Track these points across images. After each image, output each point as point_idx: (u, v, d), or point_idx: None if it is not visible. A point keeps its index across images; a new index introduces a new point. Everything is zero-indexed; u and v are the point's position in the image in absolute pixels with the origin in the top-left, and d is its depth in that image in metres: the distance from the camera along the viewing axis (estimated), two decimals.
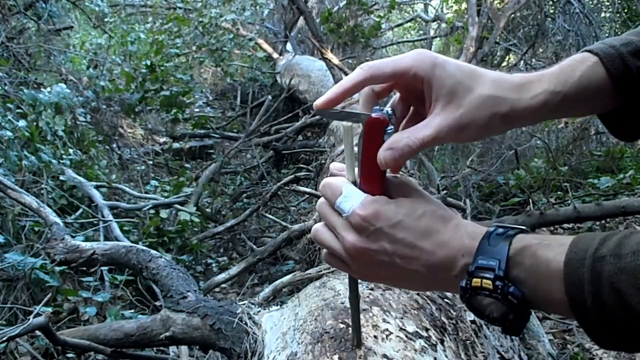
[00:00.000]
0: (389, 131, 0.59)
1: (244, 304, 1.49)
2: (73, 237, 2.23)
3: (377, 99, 0.63)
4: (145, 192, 3.81)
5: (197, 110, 6.70)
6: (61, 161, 3.32)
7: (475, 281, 0.53)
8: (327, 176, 0.68)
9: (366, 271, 0.62)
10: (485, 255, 0.53)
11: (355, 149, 0.63)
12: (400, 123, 0.65)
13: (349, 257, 0.60)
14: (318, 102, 0.60)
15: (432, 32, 7.84)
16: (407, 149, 0.57)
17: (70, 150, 3.54)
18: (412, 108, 0.65)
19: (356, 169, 0.62)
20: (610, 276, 0.46)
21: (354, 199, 0.59)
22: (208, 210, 4.01)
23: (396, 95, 0.65)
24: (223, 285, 3.06)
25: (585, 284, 0.47)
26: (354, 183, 0.62)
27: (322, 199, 0.64)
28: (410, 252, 0.57)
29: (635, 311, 0.45)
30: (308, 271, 1.87)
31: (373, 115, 0.59)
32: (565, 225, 3.53)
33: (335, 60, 3.76)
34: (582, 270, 0.47)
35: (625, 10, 5.96)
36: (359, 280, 0.84)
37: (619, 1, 5.75)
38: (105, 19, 6.28)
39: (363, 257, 0.59)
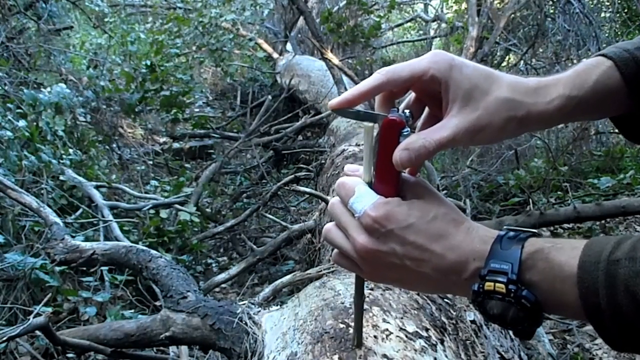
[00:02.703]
0: (405, 133, 0.59)
1: (244, 304, 1.49)
2: (73, 237, 2.23)
3: (394, 99, 0.63)
4: (145, 192, 3.80)
5: (197, 110, 6.70)
6: (61, 161, 3.31)
7: (488, 285, 0.53)
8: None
9: (376, 273, 0.62)
10: (498, 258, 0.53)
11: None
12: (414, 123, 0.66)
13: (359, 258, 0.60)
14: (333, 102, 0.61)
15: (432, 32, 7.85)
16: (423, 150, 0.57)
17: (70, 150, 3.54)
18: (427, 109, 0.66)
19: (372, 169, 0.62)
20: (626, 279, 0.46)
21: (366, 200, 0.59)
22: (208, 210, 4.01)
23: (411, 96, 0.65)
24: (223, 285, 3.06)
25: (599, 287, 0.47)
26: (370, 183, 0.62)
27: (335, 198, 0.64)
28: (421, 254, 0.57)
29: None
30: (308, 271, 1.87)
31: (389, 116, 0.59)
32: (565, 225, 3.53)
33: (335, 60, 3.76)
34: (597, 273, 0.47)
35: (625, 10, 5.96)
36: (365, 281, 0.84)
37: (619, 1, 5.75)
38: (105, 19, 6.29)
39: (373, 258, 0.59)
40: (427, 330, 1.14)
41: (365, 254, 0.59)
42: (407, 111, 0.61)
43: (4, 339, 1.48)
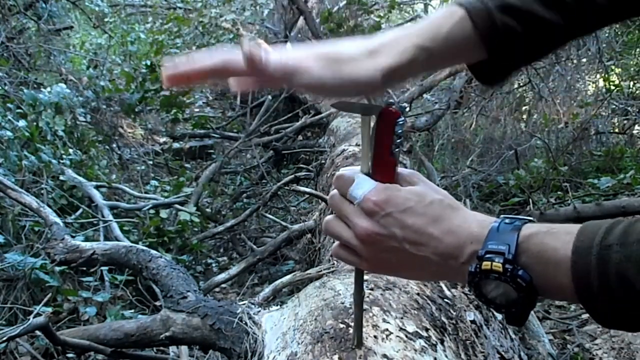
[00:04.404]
0: (401, 122, 0.60)
1: (244, 304, 1.49)
2: (73, 237, 2.23)
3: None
4: (145, 192, 3.80)
5: (197, 110, 6.69)
6: (61, 161, 3.31)
7: (485, 264, 0.54)
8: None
9: (376, 258, 0.62)
10: (495, 240, 0.55)
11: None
12: None
13: (360, 244, 0.61)
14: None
15: None
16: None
17: (70, 150, 3.54)
18: None
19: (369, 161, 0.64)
20: (617, 264, 0.47)
21: (366, 186, 0.61)
22: (208, 210, 4.00)
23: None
24: (223, 285, 3.06)
25: (592, 272, 0.49)
26: (367, 174, 0.63)
27: (334, 191, 0.65)
28: (420, 238, 0.58)
29: None
30: (308, 271, 1.87)
31: (385, 107, 0.61)
32: None
33: None
34: (590, 258, 0.49)
35: None
36: (365, 281, 0.84)
37: None
38: (105, 19, 6.29)
39: (374, 243, 0.60)
40: (427, 330, 1.14)
41: (366, 237, 0.60)
42: (403, 103, 0.62)
43: (4, 339, 1.48)
